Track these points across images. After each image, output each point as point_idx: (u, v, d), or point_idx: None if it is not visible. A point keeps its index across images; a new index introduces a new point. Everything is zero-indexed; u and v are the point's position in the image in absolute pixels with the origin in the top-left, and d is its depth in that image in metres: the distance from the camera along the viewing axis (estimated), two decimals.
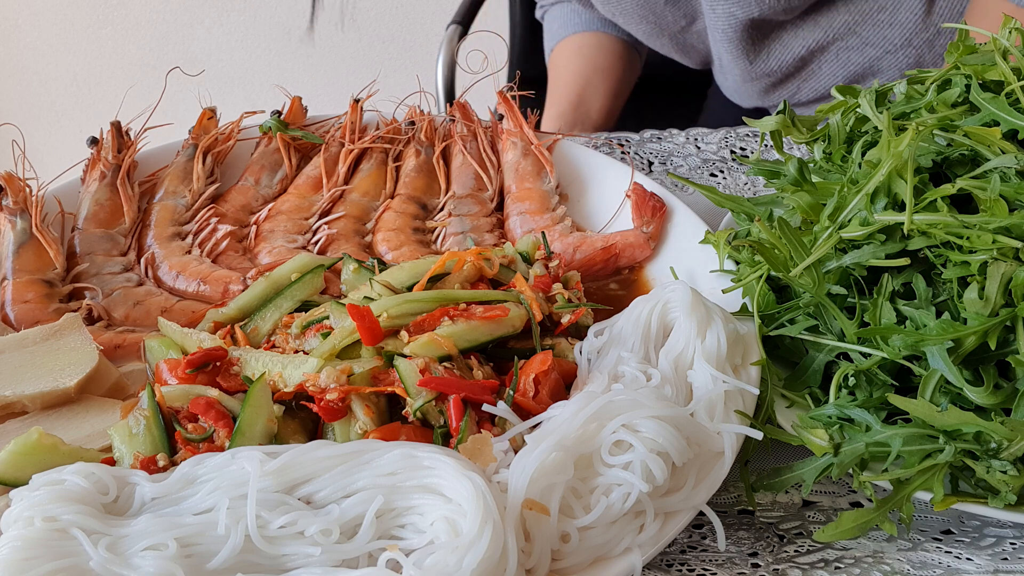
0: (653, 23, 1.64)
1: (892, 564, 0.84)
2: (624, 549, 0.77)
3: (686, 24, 1.63)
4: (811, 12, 1.52)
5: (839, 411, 0.90)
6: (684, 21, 1.62)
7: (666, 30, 1.65)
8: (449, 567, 0.69)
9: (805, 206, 0.97)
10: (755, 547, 0.88)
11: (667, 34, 1.66)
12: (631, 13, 1.63)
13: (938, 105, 0.98)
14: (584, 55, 1.80)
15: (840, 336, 0.96)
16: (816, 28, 1.53)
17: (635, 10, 1.61)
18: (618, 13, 1.65)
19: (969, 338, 0.87)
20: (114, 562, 0.73)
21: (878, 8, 1.48)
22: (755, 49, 1.58)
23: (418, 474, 0.77)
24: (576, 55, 1.81)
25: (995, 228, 0.84)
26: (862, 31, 1.52)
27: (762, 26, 1.55)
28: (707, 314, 0.96)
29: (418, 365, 0.90)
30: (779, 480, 0.89)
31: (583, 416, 0.82)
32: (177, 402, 0.90)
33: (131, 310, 1.14)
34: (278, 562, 0.75)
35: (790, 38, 1.56)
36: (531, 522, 0.75)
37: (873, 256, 0.91)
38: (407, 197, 1.31)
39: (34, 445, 0.85)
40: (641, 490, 0.78)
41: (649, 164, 1.46)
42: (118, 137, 1.29)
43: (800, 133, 1.09)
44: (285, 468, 0.78)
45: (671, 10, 1.59)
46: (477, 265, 1.05)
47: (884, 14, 1.49)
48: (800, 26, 1.54)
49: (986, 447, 0.85)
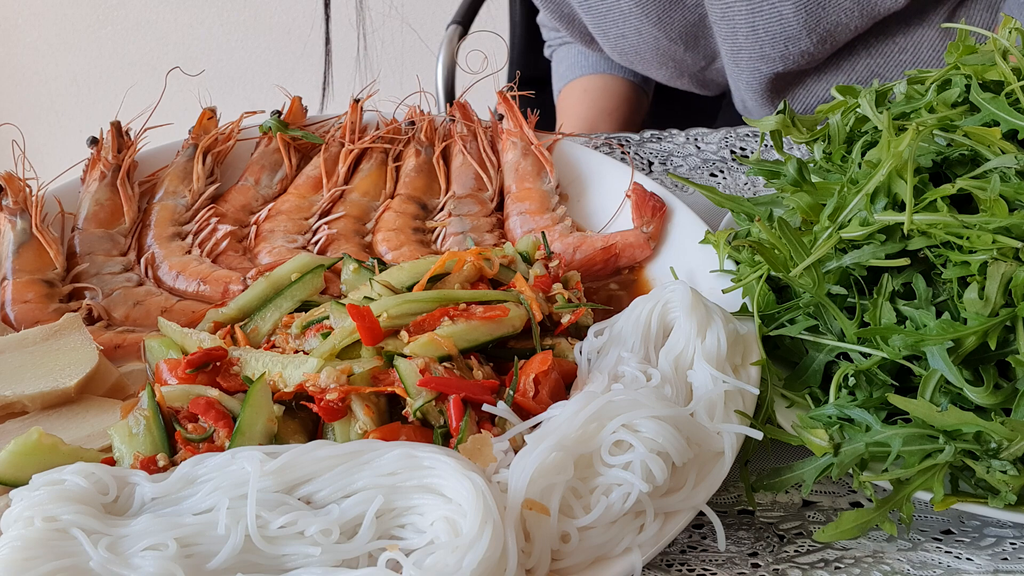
0: (673, 68, 1.64)
1: (892, 564, 0.84)
2: (624, 549, 0.77)
3: (706, 64, 1.64)
4: (833, 59, 1.53)
5: (839, 411, 0.90)
6: (704, 62, 1.63)
7: (686, 72, 1.66)
8: (449, 567, 0.69)
9: (805, 206, 0.97)
10: (755, 547, 0.88)
11: (687, 75, 1.67)
12: (650, 61, 1.63)
13: (938, 105, 0.98)
14: (590, 98, 1.81)
15: (840, 336, 0.96)
16: (839, 73, 1.54)
17: (654, 58, 1.61)
18: (636, 62, 1.66)
19: (969, 338, 0.87)
20: (114, 562, 0.73)
21: (899, 50, 1.48)
22: (779, 96, 1.59)
23: (418, 474, 0.77)
24: (582, 98, 1.82)
25: (995, 228, 0.84)
26: (885, 73, 1.52)
27: (786, 77, 1.55)
28: (707, 314, 0.96)
29: (418, 365, 0.90)
30: (779, 480, 0.89)
31: (583, 416, 0.82)
32: (177, 402, 0.90)
33: (131, 310, 1.14)
34: (278, 562, 0.75)
35: (814, 83, 1.57)
36: (531, 522, 0.75)
37: (873, 256, 0.91)
38: (407, 197, 1.31)
39: (34, 445, 0.85)
40: (641, 490, 0.78)
41: (649, 164, 1.46)
42: (118, 137, 1.29)
43: (800, 133, 1.09)
44: (285, 468, 0.78)
45: (691, 55, 1.60)
46: (477, 265, 1.05)
47: (906, 55, 1.49)
48: (824, 72, 1.55)
49: (986, 447, 0.85)
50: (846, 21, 1.41)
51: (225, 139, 1.34)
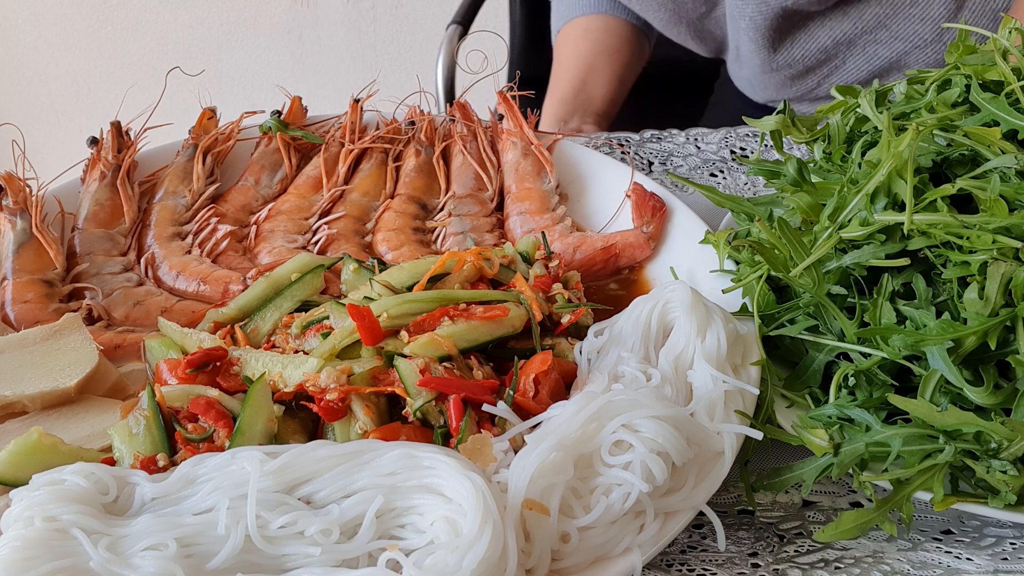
0: (672, 10, 1.58)
1: (892, 564, 0.84)
2: (624, 549, 0.77)
3: (706, 11, 1.58)
4: (842, 3, 1.48)
5: (839, 411, 0.90)
6: (704, 7, 1.57)
7: (684, 17, 1.60)
8: (449, 567, 0.69)
9: (805, 206, 0.97)
10: (755, 547, 0.88)
11: (685, 21, 1.61)
12: (649, 1, 1.59)
13: (938, 105, 0.98)
14: (590, 38, 1.74)
15: (840, 336, 0.96)
16: (845, 19, 1.49)
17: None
18: (635, 1, 1.61)
19: (969, 338, 0.87)
20: (114, 562, 0.73)
21: (910, 2, 1.44)
22: (780, 39, 1.53)
23: (418, 474, 0.77)
24: (582, 38, 1.75)
25: (995, 228, 0.84)
26: (892, 24, 1.48)
27: (792, 16, 1.50)
28: (707, 314, 0.96)
29: (418, 365, 0.90)
30: (779, 480, 0.89)
31: (583, 416, 0.82)
32: (177, 402, 0.90)
33: (131, 310, 1.14)
34: (278, 562, 0.75)
35: (817, 28, 1.52)
36: (531, 522, 0.75)
37: (873, 256, 0.91)
38: (407, 197, 1.31)
39: (34, 445, 0.85)
40: (641, 490, 0.78)
41: (649, 164, 1.46)
42: (118, 137, 1.29)
43: (800, 133, 1.09)
44: (285, 468, 0.78)
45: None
46: (477, 265, 1.05)
47: (916, 8, 1.44)
48: (829, 17, 1.50)
49: (986, 447, 0.85)
50: None
51: (225, 139, 1.34)
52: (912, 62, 1.55)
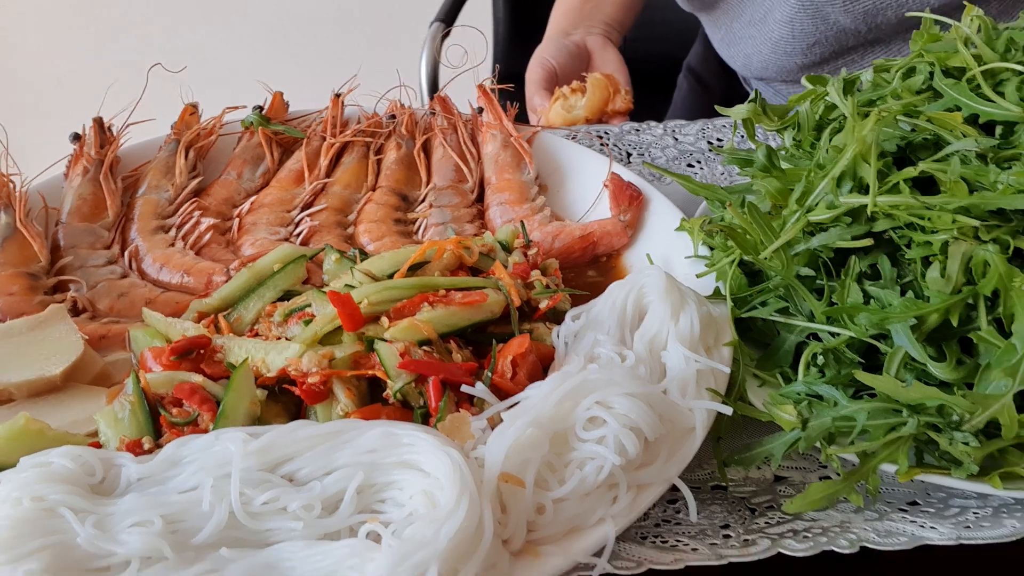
0: None
1: (858, 533, 0.87)
2: (598, 520, 0.80)
3: None
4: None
5: (808, 388, 0.93)
6: None
7: None
8: (427, 537, 0.71)
9: (774, 191, 1.00)
10: (727, 519, 0.91)
11: None
12: None
13: (903, 92, 1.01)
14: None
15: (810, 317, 0.99)
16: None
17: None
18: None
19: (932, 315, 0.89)
20: (101, 538, 0.74)
21: None
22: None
23: (397, 451, 0.79)
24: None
25: (955, 208, 0.87)
26: None
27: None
28: (681, 297, 0.98)
29: (398, 348, 0.91)
30: (750, 455, 0.92)
31: (558, 394, 0.84)
32: (162, 388, 0.92)
33: (115, 301, 1.15)
34: (261, 537, 0.77)
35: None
36: (507, 494, 0.77)
37: (839, 238, 0.94)
38: (388, 189, 1.33)
39: (21, 430, 0.86)
40: (614, 463, 0.80)
41: (628, 156, 1.49)
42: (100, 133, 1.30)
43: (771, 121, 1.11)
44: (268, 448, 0.80)
45: None
46: (457, 253, 1.07)
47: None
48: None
49: (948, 420, 0.87)
50: None
51: (207, 134, 1.36)
52: None
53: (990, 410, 0.86)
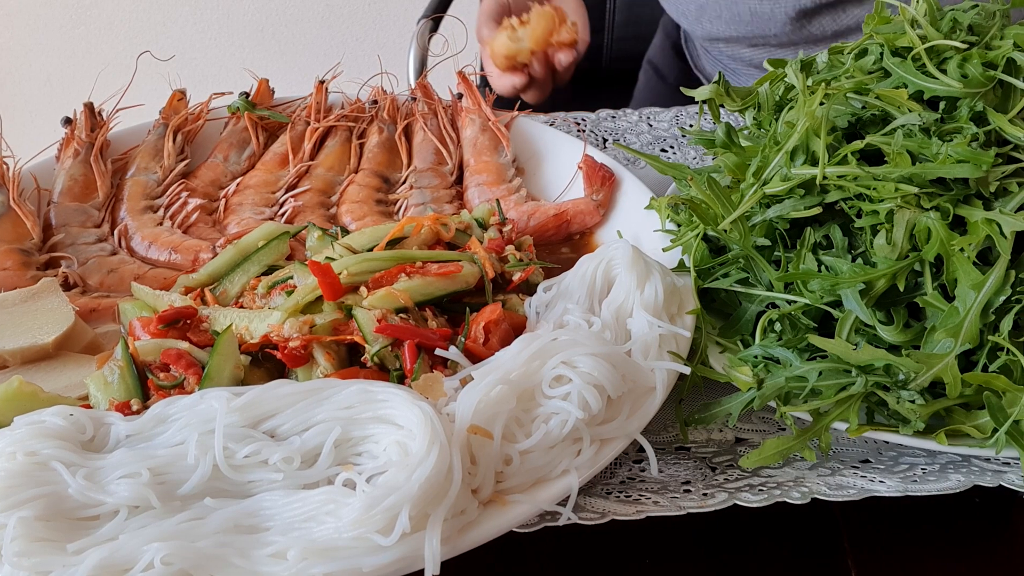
0: None
1: (811, 487, 0.92)
2: (562, 471, 0.84)
3: None
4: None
5: (764, 351, 0.98)
6: None
7: None
8: (399, 482, 0.76)
9: (732, 166, 1.05)
10: (689, 477, 0.95)
11: None
12: None
13: (854, 71, 1.06)
14: None
15: (769, 287, 1.04)
16: None
17: None
18: None
19: (879, 280, 0.95)
20: (91, 488, 0.79)
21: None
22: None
23: (373, 406, 0.83)
24: None
25: (897, 177, 0.92)
26: None
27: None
28: (646, 268, 1.03)
29: (375, 315, 0.96)
30: (709, 414, 0.97)
31: (526, 354, 0.89)
32: (150, 355, 0.96)
33: (105, 277, 1.19)
34: (244, 488, 0.81)
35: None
36: (476, 446, 0.82)
37: (793, 209, 0.99)
38: (370, 172, 1.38)
39: (15, 392, 0.91)
40: (577, 417, 0.85)
41: (604, 141, 1.54)
42: (91, 117, 1.34)
43: (733, 101, 1.16)
44: (250, 405, 0.84)
45: None
46: (434, 229, 1.11)
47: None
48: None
49: (895, 379, 0.93)
50: None
51: (195, 119, 1.40)
52: None
53: (934, 369, 0.91)
